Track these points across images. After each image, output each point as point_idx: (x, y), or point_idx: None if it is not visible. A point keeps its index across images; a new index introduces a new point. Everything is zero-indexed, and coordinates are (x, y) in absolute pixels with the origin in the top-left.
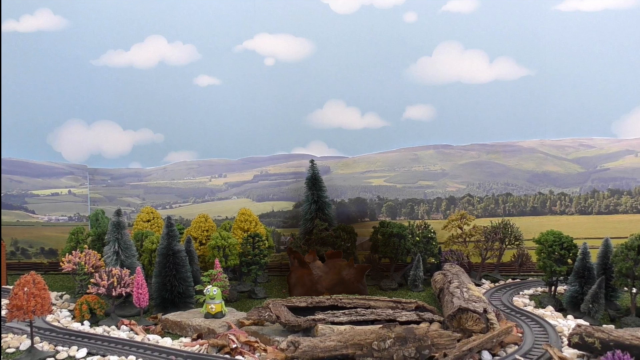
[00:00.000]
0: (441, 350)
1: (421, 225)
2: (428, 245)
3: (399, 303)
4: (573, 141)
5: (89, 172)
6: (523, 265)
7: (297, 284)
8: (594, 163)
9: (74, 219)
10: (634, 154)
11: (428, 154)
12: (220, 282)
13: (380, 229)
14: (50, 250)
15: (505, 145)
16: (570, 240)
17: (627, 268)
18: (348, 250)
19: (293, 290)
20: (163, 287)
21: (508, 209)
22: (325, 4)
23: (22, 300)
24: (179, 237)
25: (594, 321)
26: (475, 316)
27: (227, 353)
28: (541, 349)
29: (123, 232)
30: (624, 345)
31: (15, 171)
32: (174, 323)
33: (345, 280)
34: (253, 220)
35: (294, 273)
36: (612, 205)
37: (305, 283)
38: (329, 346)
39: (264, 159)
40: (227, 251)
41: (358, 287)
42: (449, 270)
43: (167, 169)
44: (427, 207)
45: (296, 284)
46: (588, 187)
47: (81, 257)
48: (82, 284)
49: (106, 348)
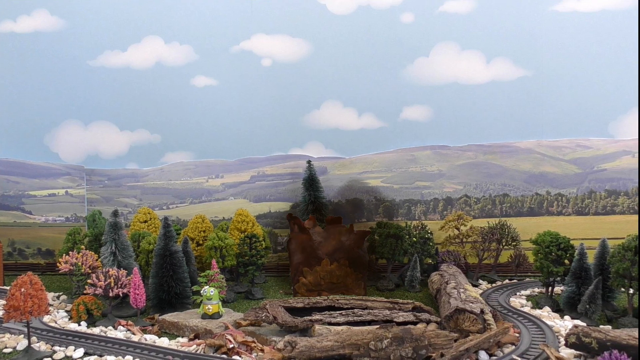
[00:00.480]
0: (438, 350)
1: (418, 226)
2: (425, 246)
3: (396, 304)
4: (570, 142)
5: (86, 172)
6: (520, 266)
7: (296, 250)
8: (591, 164)
9: (71, 219)
10: (631, 155)
11: (425, 154)
12: (217, 282)
13: (377, 230)
14: (47, 251)
15: (502, 146)
16: (567, 241)
17: (624, 269)
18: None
19: (293, 256)
20: (160, 287)
21: (505, 210)
22: (322, 4)
23: (19, 301)
24: (176, 237)
25: (591, 322)
26: (472, 317)
27: (224, 353)
28: (538, 349)
29: (120, 232)
30: (620, 345)
31: (12, 172)
32: (171, 323)
33: (345, 245)
34: (250, 221)
35: (294, 239)
36: (609, 206)
37: (305, 249)
38: (326, 346)
39: (261, 159)
40: (224, 252)
41: (358, 252)
42: (446, 271)
43: (164, 169)
44: (424, 207)
45: (296, 250)
46: (585, 188)
47: (78, 257)
48: (79, 285)
49: (103, 348)
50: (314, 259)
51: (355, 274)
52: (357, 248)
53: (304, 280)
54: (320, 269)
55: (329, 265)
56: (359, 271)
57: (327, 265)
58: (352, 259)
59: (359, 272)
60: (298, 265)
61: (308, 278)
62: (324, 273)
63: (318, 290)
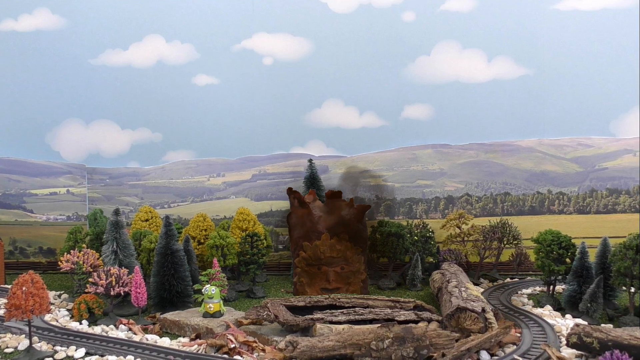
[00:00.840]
0: (439, 350)
1: (419, 225)
2: (426, 245)
3: (397, 302)
4: (571, 140)
5: (88, 171)
6: (521, 264)
7: (297, 225)
8: (593, 162)
9: (72, 218)
10: (632, 153)
11: (426, 153)
12: (218, 281)
13: (379, 229)
14: (48, 250)
15: (504, 145)
16: (569, 240)
17: (625, 267)
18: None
19: (293, 230)
20: (161, 286)
21: (506, 208)
22: (323, 3)
23: (21, 300)
24: (177, 236)
25: (592, 320)
26: (473, 316)
27: (226, 353)
28: (539, 349)
29: (121, 231)
30: (622, 344)
31: (14, 170)
32: (172, 322)
33: (346, 220)
34: (251, 220)
35: (294, 213)
36: (611, 205)
37: (305, 223)
38: (327, 346)
39: (262, 158)
40: (226, 250)
41: (358, 227)
42: (447, 269)
43: (165, 168)
44: (426, 206)
45: (296, 224)
46: (586, 187)
47: (79, 256)
48: (81, 284)
49: (104, 348)
50: (314, 233)
51: (355, 248)
52: (357, 222)
53: (303, 255)
54: (320, 243)
55: (329, 240)
56: (359, 245)
57: (327, 240)
58: (352, 233)
59: (359, 246)
60: (298, 240)
61: (308, 252)
62: (324, 247)
63: (318, 265)
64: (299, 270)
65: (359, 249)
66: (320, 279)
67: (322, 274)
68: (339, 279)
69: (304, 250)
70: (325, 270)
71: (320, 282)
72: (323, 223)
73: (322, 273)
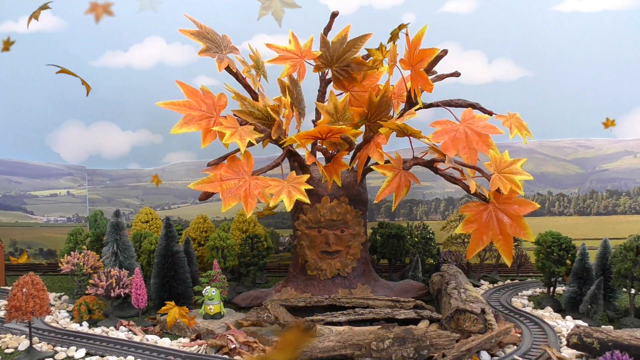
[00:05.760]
0: (440, 350)
1: (420, 226)
2: (427, 246)
3: (397, 302)
4: (572, 142)
5: (88, 173)
6: (522, 266)
7: None
8: (593, 164)
9: (73, 219)
10: (633, 155)
11: None
12: (218, 283)
13: (379, 230)
14: (49, 251)
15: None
16: (569, 241)
17: (625, 269)
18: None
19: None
20: (162, 287)
21: None
22: (323, 5)
23: (21, 301)
24: (177, 238)
25: (592, 322)
26: (473, 317)
27: (226, 353)
28: (540, 350)
29: (122, 233)
30: (622, 345)
31: (14, 172)
32: None
33: (345, 184)
34: (252, 221)
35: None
36: (611, 206)
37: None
38: (327, 346)
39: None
40: (226, 252)
41: (358, 190)
42: (446, 271)
43: (165, 169)
44: (426, 208)
45: None
46: (587, 188)
47: (80, 258)
48: (81, 285)
49: (105, 348)
50: (314, 196)
51: (355, 211)
52: (358, 186)
53: (303, 218)
54: (320, 206)
55: (329, 203)
56: (359, 208)
57: (327, 203)
58: (352, 196)
59: (359, 209)
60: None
61: (308, 215)
62: (324, 210)
63: (318, 228)
64: (299, 233)
65: (359, 212)
66: (320, 241)
67: (322, 236)
68: (339, 242)
69: (303, 213)
70: (326, 233)
71: (320, 245)
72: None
73: (322, 236)
